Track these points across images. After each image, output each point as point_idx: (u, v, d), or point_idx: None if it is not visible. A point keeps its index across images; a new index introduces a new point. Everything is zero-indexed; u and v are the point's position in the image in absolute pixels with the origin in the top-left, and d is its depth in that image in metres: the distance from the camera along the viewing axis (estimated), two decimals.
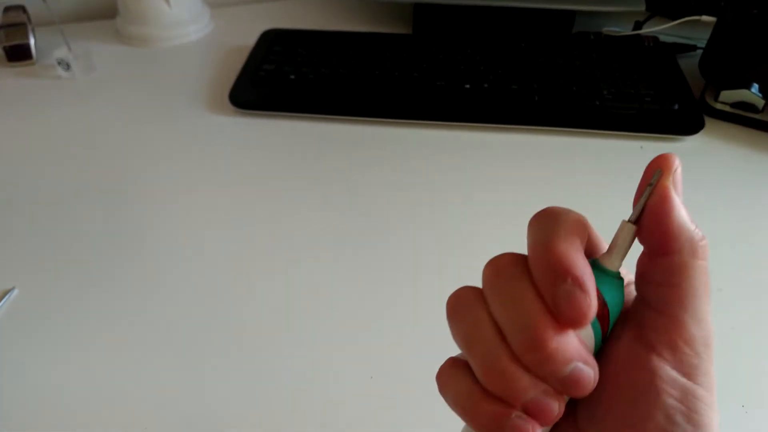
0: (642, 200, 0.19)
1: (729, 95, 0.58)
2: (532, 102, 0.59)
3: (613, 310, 0.19)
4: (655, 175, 0.18)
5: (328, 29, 0.71)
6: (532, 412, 0.18)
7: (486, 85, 0.60)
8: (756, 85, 0.57)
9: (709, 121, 0.58)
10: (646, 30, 0.71)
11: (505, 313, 0.18)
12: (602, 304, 0.19)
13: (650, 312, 0.19)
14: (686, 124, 0.57)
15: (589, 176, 0.54)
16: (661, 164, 0.19)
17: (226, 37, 0.75)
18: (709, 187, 0.53)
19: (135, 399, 0.38)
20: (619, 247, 0.19)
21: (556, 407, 0.18)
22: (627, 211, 0.19)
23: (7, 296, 0.43)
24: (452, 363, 0.20)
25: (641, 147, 0.57)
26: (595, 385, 0.18)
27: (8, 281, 0.45)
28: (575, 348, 0.18)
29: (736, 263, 0.45)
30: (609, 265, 0.19)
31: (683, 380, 0.18)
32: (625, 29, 0.72)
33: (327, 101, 0.60)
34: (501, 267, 0.19)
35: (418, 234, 0.48)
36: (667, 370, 0.18)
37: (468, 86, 0.60)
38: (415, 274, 0.45)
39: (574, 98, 0.59)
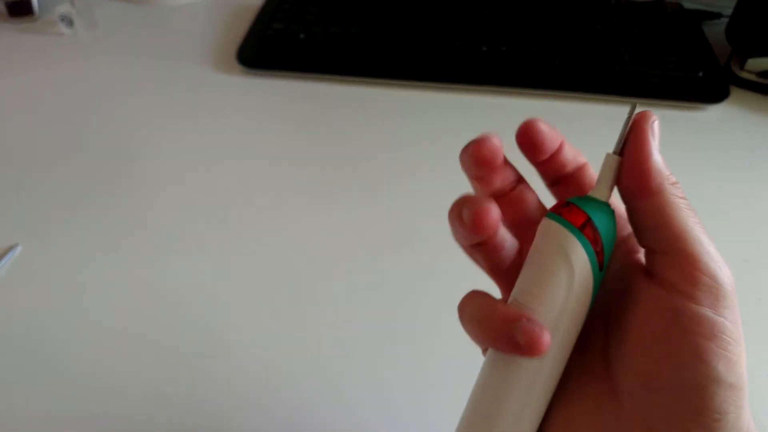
0: (623, 130, 0.20)
1: (756, 63, 0.56)
2: (553, 66, 0.57)
3: (606, 234, 0.20)
4: (632, 108, 0.20)
5: None
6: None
7: (504, 48, 0.58)
8: None
9: (734, 90, 0.56)
10: None
11: None
12: (594, 230, 0.20)
13: (660, 257, 0.20)
14: (710, 92, 0.55)
15: (609, 143, 0.52)
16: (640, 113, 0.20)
17: None
18: (732, 156, 0.51)
19: (142, 354, 0.37)
20: (606, 177, 0.21)
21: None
22: None
23: (10, 253, 0.42)
24: (472, 292, 0.22)
25: (663, 115, 0.55)
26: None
27: (11, 238, 0.44)
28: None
29: (761, 234, 0.44)
30: (598, 195, 0.21)
31: (709, 314, 0.18)
32: None
33: (337, 61, 0.58)
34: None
35: (428, 196, 0.47)
36: (690, 306, 0.18)
37: (485, 48, 0.58)
38: (427, 233, 0.44)
39: (595, 63, 0.57)
